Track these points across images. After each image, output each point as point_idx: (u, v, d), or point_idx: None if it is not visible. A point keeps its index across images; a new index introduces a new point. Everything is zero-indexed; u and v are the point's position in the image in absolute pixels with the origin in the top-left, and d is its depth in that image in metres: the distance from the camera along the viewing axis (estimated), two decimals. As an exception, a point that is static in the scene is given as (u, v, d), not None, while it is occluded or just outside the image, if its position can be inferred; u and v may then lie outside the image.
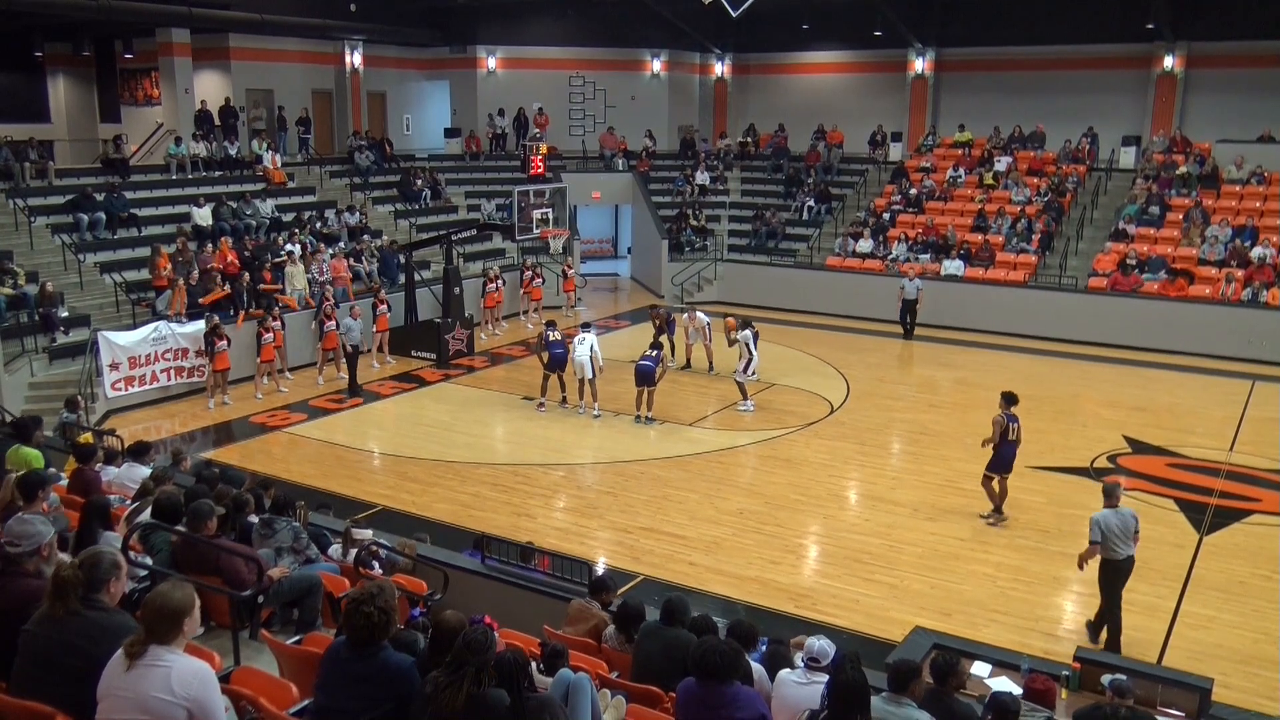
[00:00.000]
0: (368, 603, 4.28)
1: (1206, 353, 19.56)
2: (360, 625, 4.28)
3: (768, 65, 31.26)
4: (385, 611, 4.29)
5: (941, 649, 6.99)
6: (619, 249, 31.94)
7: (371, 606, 4.27)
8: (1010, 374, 19.05)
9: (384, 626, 4.30)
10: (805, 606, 9.78)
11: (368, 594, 4.33)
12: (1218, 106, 25.03)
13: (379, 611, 4.27)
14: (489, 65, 29.17)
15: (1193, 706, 6.65)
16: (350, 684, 4.28)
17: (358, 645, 4.31)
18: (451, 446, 14.51)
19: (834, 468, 13.85)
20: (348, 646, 4.36)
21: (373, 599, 4.29)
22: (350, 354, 17.20)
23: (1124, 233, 22.88)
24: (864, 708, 4.52)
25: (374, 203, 24.46)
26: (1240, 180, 23.47)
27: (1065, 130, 26.22)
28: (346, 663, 4.33)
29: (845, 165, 28.50)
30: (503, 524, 11.35)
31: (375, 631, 4.28)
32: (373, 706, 4.23)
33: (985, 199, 25.08)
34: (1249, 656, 8.92)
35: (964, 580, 10.40)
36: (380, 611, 4.27)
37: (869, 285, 23.60)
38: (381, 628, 4.29)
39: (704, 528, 11.63)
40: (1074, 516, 12.17)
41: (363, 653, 4.30)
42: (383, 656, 4.31)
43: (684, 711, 4.99)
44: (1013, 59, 27.11)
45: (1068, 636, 9.14)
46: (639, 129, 29.38)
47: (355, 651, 4.31)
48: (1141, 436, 15.09)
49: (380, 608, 4.28)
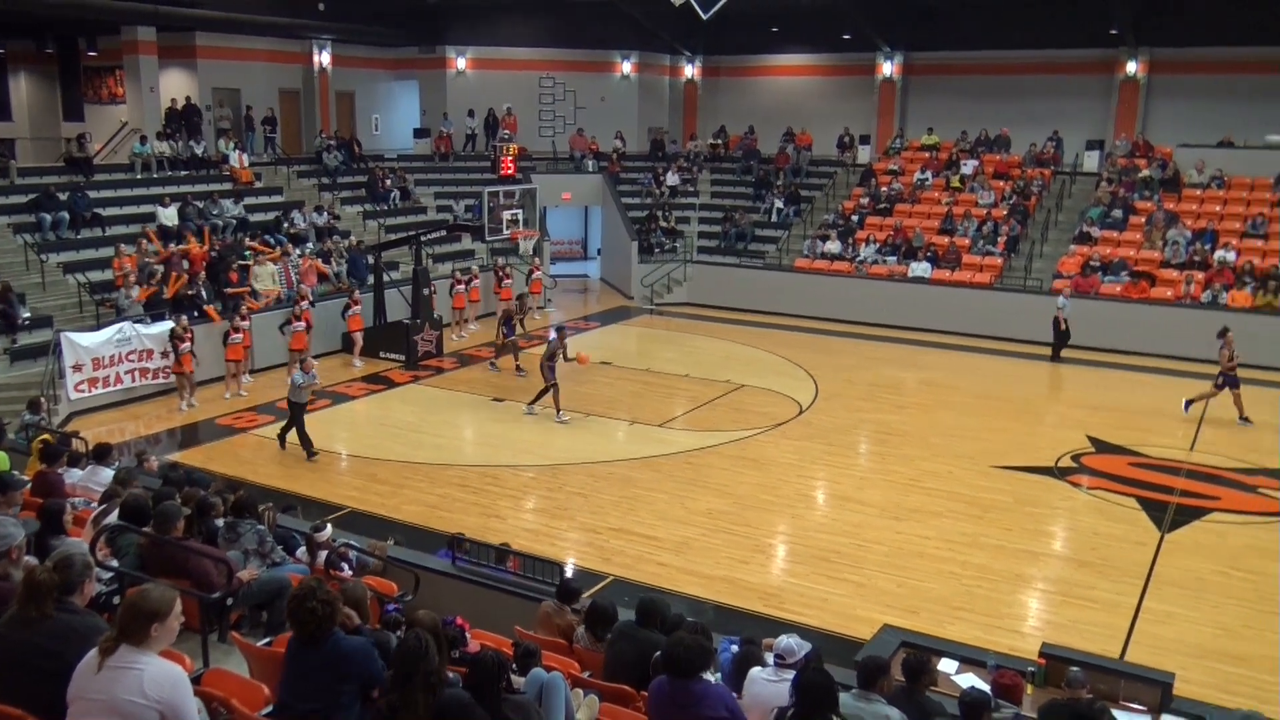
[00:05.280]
0: (309, 598, 4.34)
1: (1168, 354, 19.87)
2: (306, 620, 4.33)
3: (738, 67, 31.41)
4: (328, 604, 4.37)
5: (910, 646, 7.08)
6: (589, 250, 31.95)
7: (313, 600, 4.33)
8: (976, 375, 19.33)
9: (330, 617, 4.37)
10: (774, 605, 9.85)
11: (307, 589, 4.40)
12: (1179, 111, 25.45)
13: (321, 604, 4.34)
14: (458, 65, 29.10)
15: (1154, 700, 6.78)
16: (309, 676, 4.32)
17: (309, 640, 4.34)
18: (420, 448, 14.47)
19: (802, 468, 13.95)
20: (299, 643, 4.40)
21: (313, 593, 4.37)
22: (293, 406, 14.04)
23: (1088, 235, 23.20)
24: (831, 705, 4.57)
25: (342, 203, 24.32)
26: (1201, 184, 23.87)
27: (1030, 134, 26.55)
28: (301, 658, 4.37)
29: (814, 167, 28.69)
30: (473, 525, 11.32)
31: (322, 624, 4.32)
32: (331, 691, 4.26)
33: (952, 201, 25.33)
34: (1208, 651, 9.09)
35: (930, 578, 10.51)
36: (322, 604, 4.34)
37: (837, 287, 23.77)
38: (327, 619, 4.35)
39: (673, 528, 11.68)
40: (1038, 515, 12.40)
41: (315, 645, 4.33)
42: (334, 643, 4.36)
43: (656, 710, 5.04)
44: (979, 63, 27.43)
45: (1033, 633, 9.27)
46: (609, 130, 29.41)
47: (308, 646, 4.35)
48: (1104, 436, 15.31)
49: (322, 600, 4.34)
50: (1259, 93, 24.19)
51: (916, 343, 21.50)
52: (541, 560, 8.95)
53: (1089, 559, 11.12)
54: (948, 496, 12.79)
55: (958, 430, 15.58)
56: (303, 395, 13.99)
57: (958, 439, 15.11)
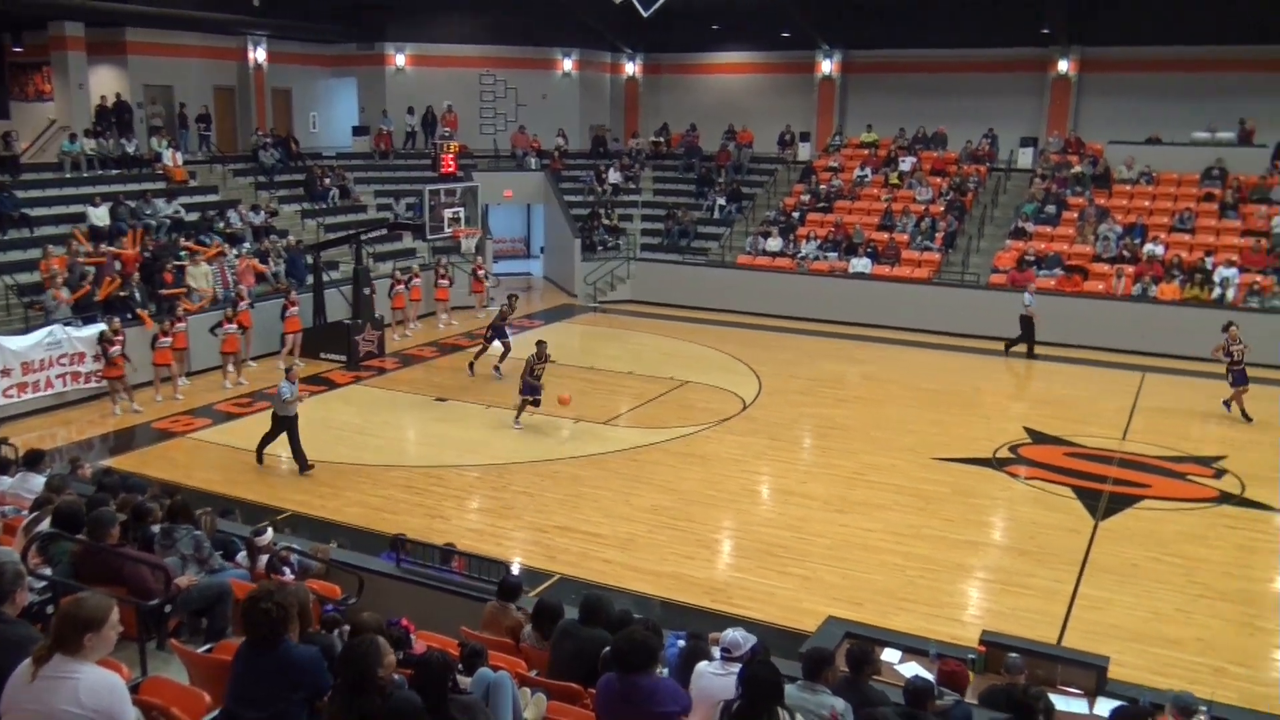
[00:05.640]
0: (265, 599, 4.28)
1: (1100, 345, 20.35)
2: (259, 621, 4.26)
3: (679, 65, 31.52)
4: (283, 607, 4.30)
5: (854, 637, 7.18)
6: (531, 248, 31.84)
7: (269, 602, 4.27)
8: (916, 368, 19.61)
9: (283, 621, 4.30)
10: (720, 600, 9.92)
11: (264, 591, 4.35)
12: (1109, 109, 26.08)
13: (277, 607, 4.27)
14: (398, 62, 28.80)
15: (1090, 684, 6.96)
16: (257, 681, 4.26)
17: (260, 643, 4.28)
18: (363, 449, 14.31)
19: (746, 463, 14.04)
20: (250, 645, 4.33)
21: (270, 595, 4.31)
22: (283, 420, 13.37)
23: (1023, 230, 23.65)
24: (776, 697, 4.61)
25: (280, 202, 23.94)
26: (1131, 180, 24.48)
27: (966, 131, 27.00)
28: (251, 661, 4.31)
29: (755, 165, 28.88)
30: (417, 526, 11.23)
31: (275, 627, 4.26)
32: (280, 699, 4.21)
33: (891, 198, 25.67)
34: (1141, 635, 9.33)
35: (874, 570, 10.65)
36: (278, 607, 4.27)
37: (779, 283, 23.97)
38: (281, 623, 4.29)
39: (619, 525, 11.70)
40: (978, 505, 12.63)
41: (266, 649, 4.27)
42: (285, 649, 4.30)
43: (605, 706, 5.05)
44: (916, 61, 27.84)
45: (973, 621, 9.43)
46: (551, 128, 29.31)
47: (258, 649, 4.29)
48: (1041, 427, 15.64)
49: (278, 603, 4.28)
50: (1185, 91, 24.87)
51: (857, 337, 21.76)
52: (487, 560, 8.92)
53: (1027, 548, 11.35)
54: (890, 489, 12.97)
55: (899, 423, 15.80)
56: (290, 409, 13.17)
57: (899, 432, 15.33)
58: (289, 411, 13.18)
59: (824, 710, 5.18)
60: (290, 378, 13.35)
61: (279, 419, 13.26)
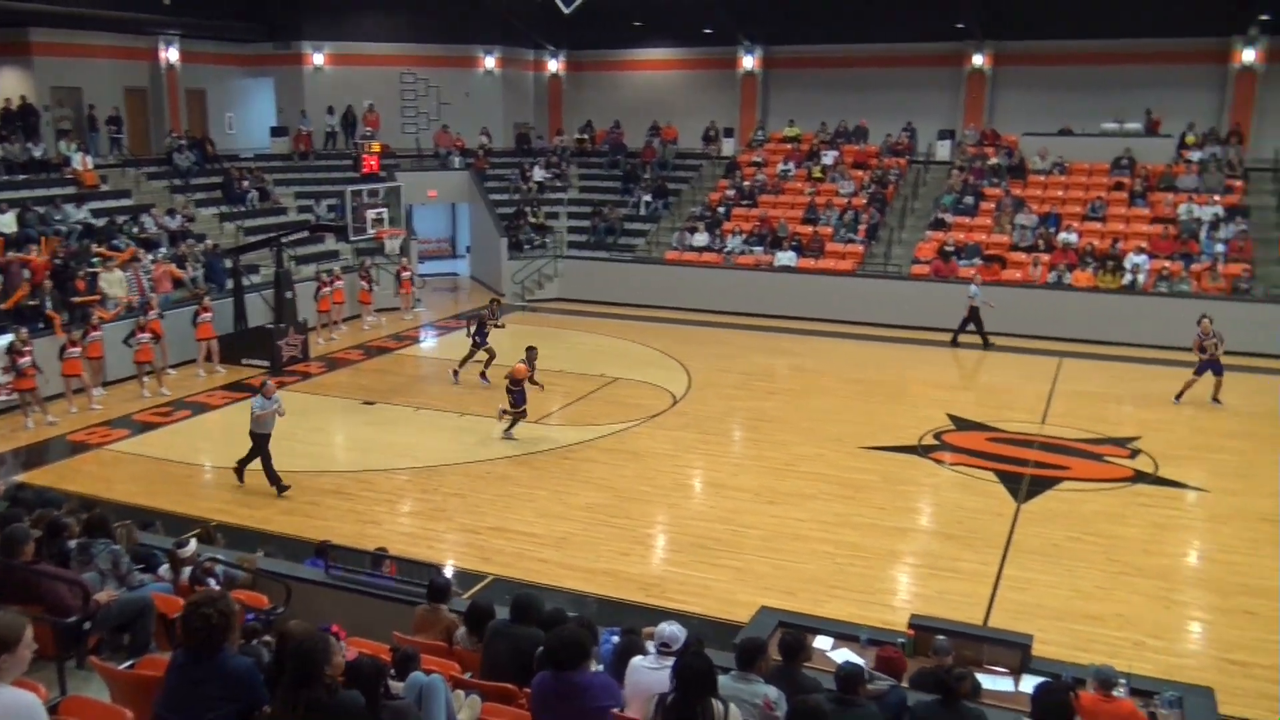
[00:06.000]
0: (207, 604, 4.19)
1: (1019, 332, 20.84)
2: (198, 627, 4.16)
3: (602, 62, 31.51)
4: (225, 615, 4.20)
5: (787, 626, 7.26)
6: (458, 248, 31.57)
7: (211, 609, 4.17)
8: (843, 359, 19.91)
9: (223, 630, 4.20)
10: (655, 595, 9.96)
11: (207, 597, 4.25)
12: (1023, 102, 26.74)
13: (218, 614, 4.18)
14: (315, 61, 28.31)
15: (1015, 662, 7.13)
16: (191, 690, 4.16)
17: (197, 650, 4.19)
18: (290, 455, 14.00)
19: (678, 458, 14.11)
20: (186, 653, 4.23)
21: (213, 602, 4.21)
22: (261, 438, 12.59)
23: (942, 221, 24.12)
24: (710, 688, 4.65)
25: (196, 205, 23.37)
26: (1044, 170, 25.12)
27: (886, 124, 27.44)
28: (186, 669, 4.21)
29: (680, 161, 29.02)
30: (348, 532, 11.09)
31: (214, 634, 4.17)
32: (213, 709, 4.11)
33: (814, 192, 25.98)
34: (1064, 613, 9.60)
35: (806, 559, 10.79)
36: (220, 614, 4.18)
37: (706, 278, 24.12)
38: (221, 630, 4.19)
39: (553, 524, 11.67)
40: (906, 492, 12.86)
41: (203, 658, 4.18)
42: (222, 659, 4.20)
43: (540, 704, 5.04)
44: (836, 57, 28.22)
45: (903, 606, 9.60)
46: (474, 126, 29.09)
47: (194, 656, 4.19)
48: (964, 414, 15.98)
49: (220, 610, 4.19)
50: (1094, 83, 25.62)
51: (785, 330, 22.00)
52: (419, 563, 8.82)
53: (953, 532, 11.59)
54: (820, 479, 13.15)
55: (827, 414, 16.02)
56: (266, 425, 12.42)
57: (827, 422, 15.54)
58: (263, 429, 12.45)
59: (757, 699, 5.24)
60: (265, 392, 12.52)
61: (256, 436, 12.51)
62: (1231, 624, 9.52)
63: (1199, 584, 10.57)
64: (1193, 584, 10.59)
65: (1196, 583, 10.62)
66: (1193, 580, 10.71)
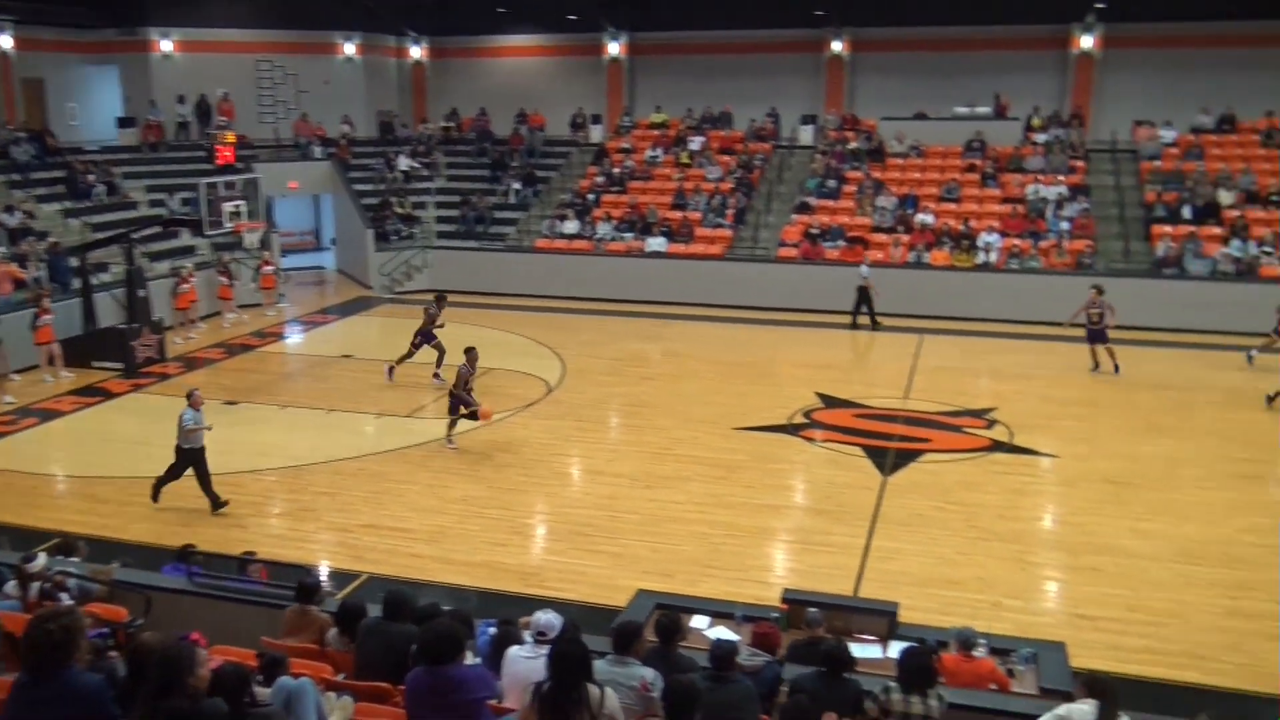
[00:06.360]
0: (50, 620, 3.99)
1: (883, 311, 21.48)
2: (41, 643, 3.97)
3: (466, 48, 31.09)
4: (69, 630, 4.01)
5: (664, 608, 7.35)
6: (322, 240, 30.73)
7: (54, 624, 3.98)
8: (714, 343, 20.20)
9: (67, 646, 4.01)
10: (534, 584, 9.93)
11: (51, 613, 4.06)
12: (880, 87, 27.62)
13: (61, 630, 3.99)
14: (164, 48, 27.12)
15: (883, 629, 7.40)
16: (32, 712, 3.96)
17: (40, 668, 3.99)
18: (147, 461, 13.37)
19: (554, 446, 14.09)
20: (29, 673, 4.02)
21: (56, 617, 4.02)
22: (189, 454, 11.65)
23: (807, 205, 24.68)
24: (585, 673, 4.67)
25: (38, 201, 22.08)
26: (902, 154, 25.96)
27: (751, 110, 27.89)
28: (28, 690, 4.00)
29: (549, 148, 28.88)
30: (213, 537, 10.70)
31: (58, 651, 3.98)
32: None
33: (682, 177, 26.23)
34: (928, 579, 9.99)
35: (682, 541, 10.93)
36: (63, 630, 3.99)
37: (578, 265, 24.10)
38: (64, 647, 4.00)
39: (428, 518, 11.52)
40: (778, 470, 13.15)
41: (47, 676, 3.98)
42: (68, 678, 4.01)
43: (414, 701, 4.98)
44: (700, 43, 28.56)
45: (778, 581, 9.77)
46: (335, 115, 28.33)
47: (38, 676, 3.99)
48: (831, 392, 16.41)
49: (63, 626, 4.00)
50: (947, 69, 26.64)
51: (657, 315, 22.17)
52: (290, 565, 8.61)
53: (824, 507, 11.92)
54: (695, 461, 13.32)
55: (700, 397, 16.24)
56: (196, 439, 11.57)
57: (701, 405, 15.75)
58: (193, 443, 11.57)
59: (634, 681, 5.30)
60: (194, 403, 11.67)
61: (182, 451, 11.59)
62: (1081, 581, 10.08)
63: (1051, 545, 11.15)
64: (1045, 545, 11.16)
65: (1049, 544, 11.20)
66: (1045, 542, 11.28)
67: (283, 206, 28.21)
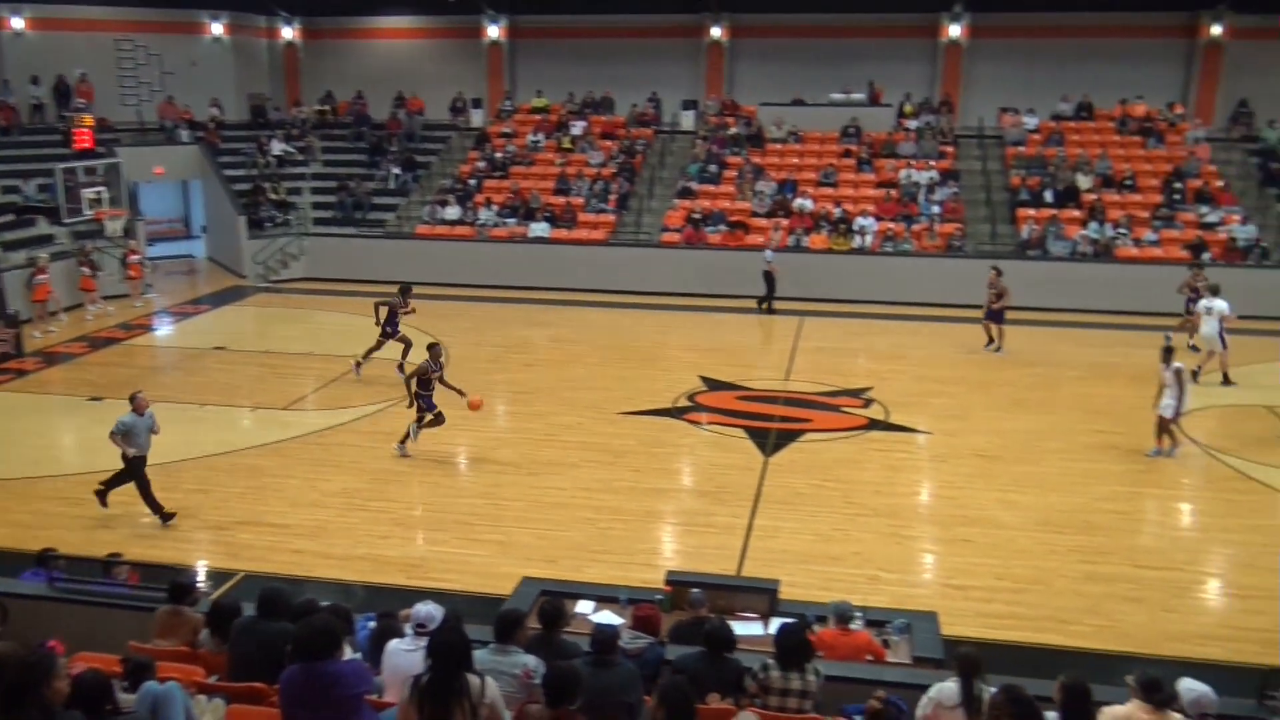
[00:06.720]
0: None
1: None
2: None
3: (341, 30, 30.33)
4: None
5: (548, 594, 7.35)
6: (192, 228, 29.60)
7: None
8: (598, 328, 20.24)
9: None
10: (417, 576, 9.81)
11: None
12: (759, 73, 28.03)
13: None
14: (14, 25, 25.69)
15: (764, 607, 7.56)
16: None
17: None
18: (3, 462, 12.79)
19: (437, 435, 13.85)
20: None
21: None
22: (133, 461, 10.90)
23: (689, 190, 24.89)
24: (463, 663, 4.64)
25: (-125, 188, 20.72)
26: (781, 139, 26.39)
27: (632, 95, 27.96)
28: None
29: (428, 132, 28.43)
30: (77, 540, 10.22)
31: None
32: None
33: (565, 162, 26.14)
34: (808, 556, 10.23)
35: (568, 527, 10.94)
36: None
37: (459, 251, 23.81)
38: None
39: (307, 513, 11.25)
40: (662, 454, 13.27)
41: None
42: None
43: (289, 698, 4.87)
44: (581, 27, 28.48)
45: (663, 564, 9.87)
46: (204, 97, 27.32)
47: None
48: (715, 375, 16.62)
49: None
50: (824, 56, 27.22)
51: (541, 301, 22.08)
52: (161, 567, 8.31)
53: (708, 489, 12.08)
54: (580, 446, 13.34)
55: (585, 382, 16.25)
56: (141, 445, 10.77)
57: (586, 390, 15.77)
58: (140, 450, 10.82)
59: (516, 669, 5.29)
60: (137, 407, 10.79)
61: (130, 460, 10.82)
62: (952, 552, 10.48)
63: (925, 519, 11.55)
64: (920, 519, 11.54)
65: (923, 518, 11.59)
66: (920, 516, 11.67)
67: (148, 193, 27.02)
